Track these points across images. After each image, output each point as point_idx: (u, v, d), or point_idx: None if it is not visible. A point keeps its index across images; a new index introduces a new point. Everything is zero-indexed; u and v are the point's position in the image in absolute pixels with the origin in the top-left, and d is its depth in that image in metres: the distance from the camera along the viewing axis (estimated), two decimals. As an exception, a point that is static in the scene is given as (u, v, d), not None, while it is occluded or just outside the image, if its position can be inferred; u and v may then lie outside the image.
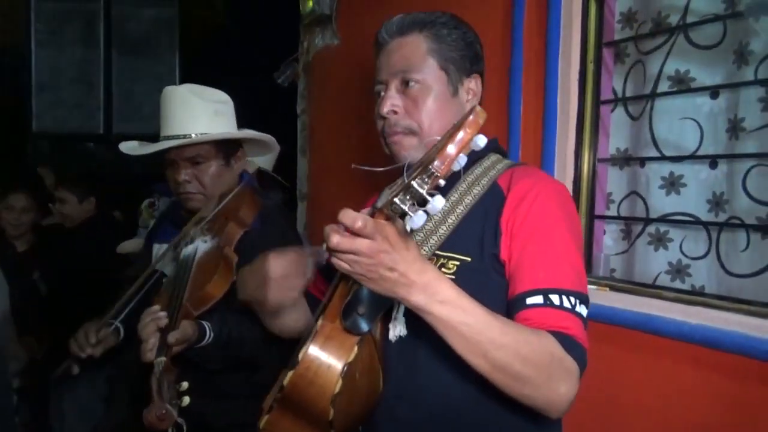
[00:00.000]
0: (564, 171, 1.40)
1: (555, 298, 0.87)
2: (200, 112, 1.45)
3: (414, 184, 0.70)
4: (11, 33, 4.95)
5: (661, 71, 1.37)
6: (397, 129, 1.03)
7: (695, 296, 1.23)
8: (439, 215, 0.96)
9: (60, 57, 4.56)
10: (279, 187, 2.72)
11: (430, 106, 1.02)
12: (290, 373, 0.84)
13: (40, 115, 4.53)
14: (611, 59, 1.47)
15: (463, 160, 0.72)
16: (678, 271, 1.33)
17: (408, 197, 0.71)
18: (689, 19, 1.32)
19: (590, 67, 1.40)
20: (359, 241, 0.74)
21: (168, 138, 1.44)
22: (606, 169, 1.48)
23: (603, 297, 1.33)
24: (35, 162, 4.63)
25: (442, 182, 0.71)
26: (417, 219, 0.71)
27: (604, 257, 1.44)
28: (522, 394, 0.83)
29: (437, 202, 0.70)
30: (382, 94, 1.05)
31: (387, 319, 0.97)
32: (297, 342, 0.98)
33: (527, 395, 0.83)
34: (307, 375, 0.84)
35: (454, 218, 0.97)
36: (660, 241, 1.36)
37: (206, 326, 1.25)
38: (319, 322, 0.89)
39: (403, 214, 0.72)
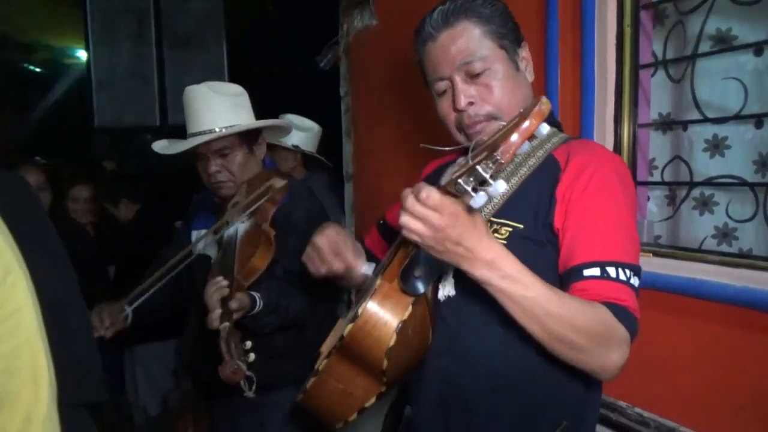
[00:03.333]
0: (603, 138, 1.40)
1: (611, 271, 0.90)
2: (222, 107, 1.58)
3: (479, 168, 0.74)
4: (70, 34, 5.21)
5: (701, 31, 1.33)
6: (479, 119, 1.06)
7: (742, 258, 1.22)
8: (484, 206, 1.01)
9: (115, 54, 4.76)
10: (323, 168, 2.79)
11: (504, 87, 1.06)
12: (350, 326, 0.92)
13: (101, 111, 4.76)
14: (650, 22, 1.44)
15: (526, 146, 0.77)
16: (725, 234, 1.31)
17: (471, 179, 0.76)
18: (731, -25, 1.28)
19: (627, 30, 1.38)
20: (431, 212, 0.80)
21: (195, 135, 1.57)
22: (648, 134, 1.46)
23: (647, 263, 1.32)
24: (98, 156, 4.90)
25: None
26: (478, 199, 0.76)
27: (647, 224, 1.43)
28: (576, 360, 0.89)
29: (499, 187, 0.74)
30: (447, 90, 1.07)
31: (438, 279, 1.02)
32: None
33: (582, 360, 0.89)
34: (366, 328, 0.92)
35: (509, 188, 1.01)
36: (705, 205, 1.34)
37: (256, 296, 1.38)
38: (378, 280, 0.96)
39: (465, 194, 0.77)
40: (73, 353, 0.80)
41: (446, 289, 1.00)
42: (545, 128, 0.76)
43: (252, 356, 1.20)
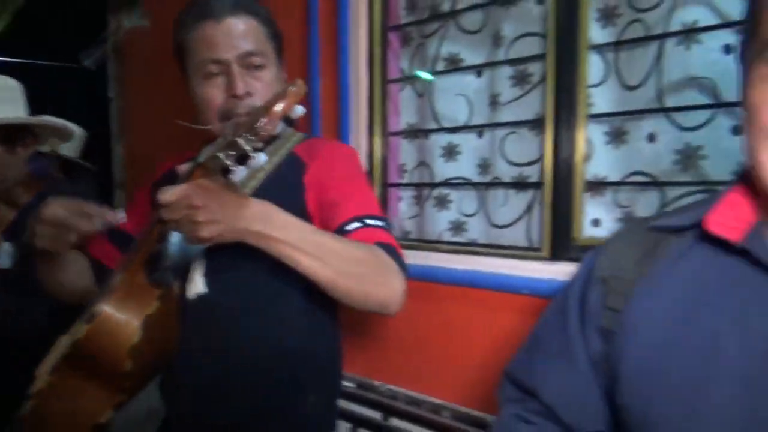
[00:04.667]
0: (359, 145, 1.54)
1: (371, 221, 1.01)
2: None
3: (239, 141, 0.76)
4: None
5: (438, 53, 1.55)
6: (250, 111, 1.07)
7: (469, 246, 1.44)
8: (243, 182, 1.04)
9: None
10: (88, 174, 2.59)
11: (274, 88, 1.08)
12: (86, 327, 0.85)
13: None
14: (398, 42, 1.63)
15: (280, 126, 0.81)
16: (457, 227, 1.53)
17: (232, 153, 0.78)
18: (458, 7, 1.51)
19: (377, 49, 1.55)
20: (191, 192, 0.79)
21: None
22: (398, 142, 1.65)
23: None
24: None
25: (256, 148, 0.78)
26: (239, 173, 0.79)
27: (397, 221, 1.61)
28: (366, 292, 0.94)
29: (261, 159, 0.77)
30: (219, 75, 1.05)
31: (185, 279, 1.03)
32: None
33: (370, 292, 0.94)
34: (105, 326, 0.86)
35: (255, 183, 1.06)
36: (442, 203, 1.56)
37: None
38: (120, 275, 0.92)
39: (225, 169, 0.78)
40: None
41: (197, 287, 1.02)
42: (301, 109, 0.80)
43: None
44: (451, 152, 1.54)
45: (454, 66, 1.53)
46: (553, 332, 0.72)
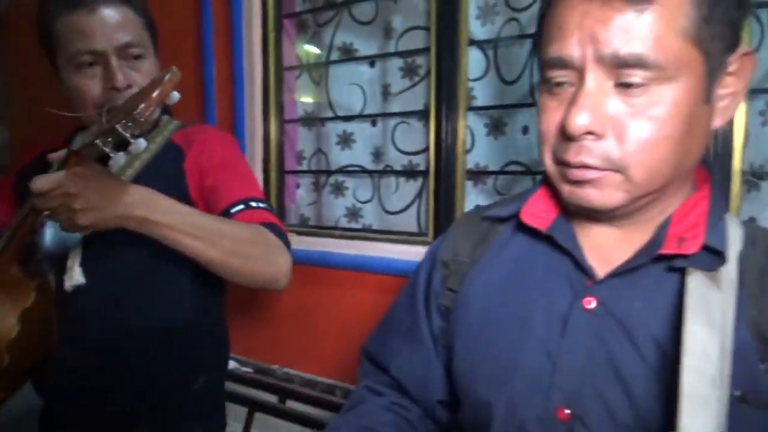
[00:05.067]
0: (254, 132, 1.55)
1: (253, 204, 1.03)
2: None
3: (118, 127, 0.75)
4: None
5: (332, 42, 1.58)
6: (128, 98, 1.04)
7: (362, 232, 1.50)
8: (121, 168, 1.03)
9: None
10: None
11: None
12: None
13: None
14: (294, 29, 1.64)
15: (157, 112, 0.79)
16: (353, 214, 1.58)
17: (110, 139, 0.77)
18: (350, -3, 1.54)
19: (271, 36, 1.55)
20: (65, 181, 0.77)
21: None
22: (296, 129, 1.66)
23: (295, 241, 1.52)
24: None
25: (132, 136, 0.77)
26: (118, 159, 0.77)
27: (295, 207, 1.64)
28: (253, 270, 0.96)
29: (141, 143, 0.77)
30: (94, 65, 1.02)
31: (63, 269, 1.01)
32: None
33: (257, 271, 0.96)
34: None
35: (131, 171, 1.05)
36: (339, 190, 1.60)
37: None
38: None
39: (104, 156, 0.77)
40: None
41: (74, 278, 1.00)
42: (177, 96, 0.80)
43: None
44: (346, 140, 1.58)
45: (348, 55, 1.56)
46: (403, 312, 0.79)
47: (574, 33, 0.55)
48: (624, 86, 0.55)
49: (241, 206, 1.03)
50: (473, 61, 1.33)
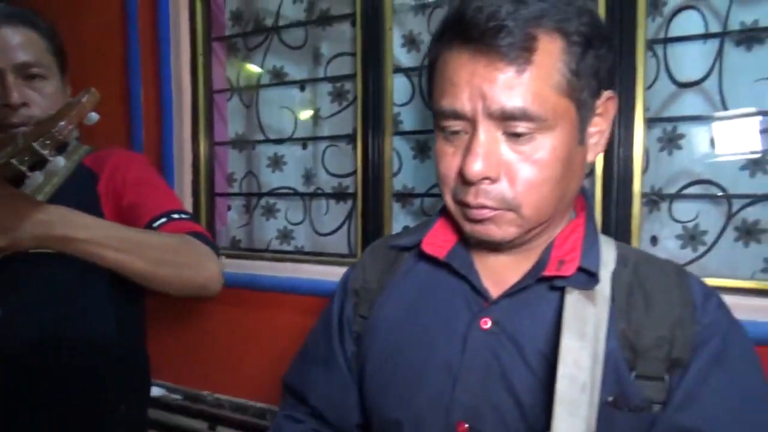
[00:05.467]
0: (182, 154, 1.54)
1: (175, 215, 1.03)
2: None
3: (35, 145, 0.74)
4: None
5: (263, 66, 1.59)
6: (28, 120, 1.01)
7: (293, 254, 1.51)
8: (37, 188, 1.01)
9: None
10: None
11: (55, 100, 1.04)
12: None
13: None
14: (224, 53, 1.65)
15: (75, 132, 0.78)
16: (285, 236, 1.58)
17: (26, 158, 0.75)
18: (280, 23, 1.56)
19: (200, 59, 1.55)
20: None
21: None
22: (227, 151, 1.66)
23: (226, 264, 1.51)
24: None
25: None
26: (35, 178, 0.76)
27: (226, 229, 1.63)
28: (185, 277, 0.95)
29: (59, 161, 0.75)
30: None
31: None
32: None
33: (190, 277, 0.96)
34: None
35: (42, 197, 1.03)
36: (270, 212, 1.60)
37: None
38: None
39: (19, 175, 0.75)
40: None
41: None
42: (95, 116, 0.80)
43: None
44: (277, 163, 1.59)
45: (279, 79, 1.57)
46: (319, 341, 0.81)
47: (465, 89, 0.61)
48: (512, 135, 0.61)
49: (164, 219, 1.03)
50: (399, 87, 1.37)
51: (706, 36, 1.09)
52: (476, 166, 0.60)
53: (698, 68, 1.11)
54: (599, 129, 0.68)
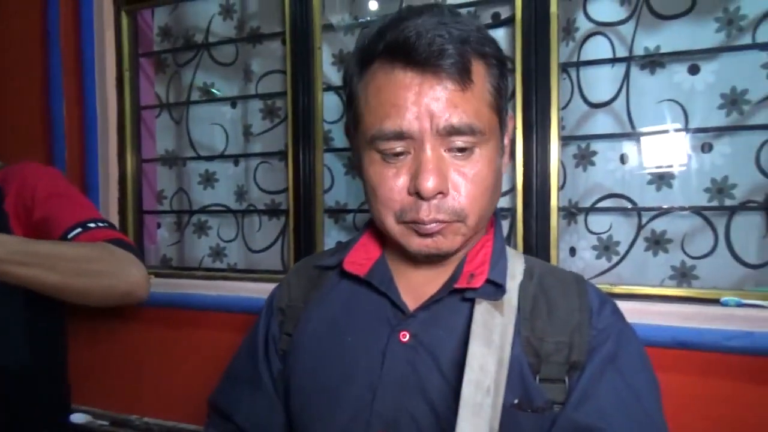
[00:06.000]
0: (108, 172, 1.50)
1: (91, 225, 1.01)
2: None
3: None
4: None
5: (192, 82, 1.58)
6: None
7: (225, 272, 1.49)
8: None
9: None
10: None
11: None
12: None
13: None
14: (152, 68, 1.62)
15: None
16: (217, 253, 1.57)
17: None
18: (211, 40, 1.55)
19: (127, 75, 1.52)
20: None
21: None
22: (155, 168, 1.63)
23: (155, 283, 1.48)
24: None
25: None
26: None
27: (156, 248, 1.59)
28: (107, 286, 0.93)
29: None
30: None
31: None
32: None
33: (112, 285, 0.94)
34: None
35: None
36: (202, 229, 1.58)
37: None
38: None
39: None
40: None
41: None
42: None
43: None
44: (209, 179, 1.57)
45: (209, 96, 1.56)
46: (245, 360, 0.81)
47: (410, 109, 0.63)
48: (455, 151, 0.65)
49: (79, 229, 1.00)
50: (330, 105, 1.39)
51: (614, 60, 1.17)
52: (431, 182, 0.63)
53: (608, 90, 1.18)
54: (506, 143, 0.73)
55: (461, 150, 0.65)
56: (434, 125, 0.63)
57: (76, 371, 1.14)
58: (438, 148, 0.64)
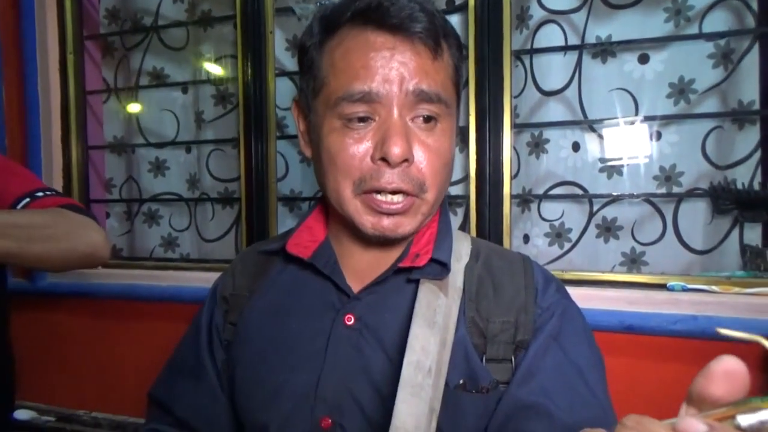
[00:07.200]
0: (52, 159, 1.44)
1: (39, 194, 0.96)
2: None
3: None
4: None
5: (141, 66, 1.53)
6: None
7: (179, 262, 1.45)
8: None
9: None
10: None
11: None
12: None
13: None
14: (98, 52, 1.56)
15: None
16: (169, 243, 1.53)
17: None
18: (160, 23, 1.50)
19: (71, 58, 1.46)
20: None
21: None
22: (103, 156, 1.57)
23: (103, 275, 1.43)
24: None
25: None
26: None
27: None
28: (67, 250, 0.89)
29: None
30: None
31: None
32: None
33: (67, 250, 0.89)
34: None
35: None
36: (153, 218, 1.53)
37: None
38: None
39: None
40: None
41: None
42: None
43: None
44: (159, 167, 1.53)
45: (159, 81, 1.52)
46: (187, 351, 0.78)
47: (380, 72, 0.61)
48: (419, 121, 0.64)
49: (27, 199, 0.96)
50: (283, 91, 1.36)
51: (566, 48, 1.18)
52: (398, 147, 0.61)
53: (561, 78, 1.19)
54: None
55: (427, 120, 0.63)
56: (404, 89, 0.62)
57: (19, 366, 1.09)
58: (405, 115, 0.63)
